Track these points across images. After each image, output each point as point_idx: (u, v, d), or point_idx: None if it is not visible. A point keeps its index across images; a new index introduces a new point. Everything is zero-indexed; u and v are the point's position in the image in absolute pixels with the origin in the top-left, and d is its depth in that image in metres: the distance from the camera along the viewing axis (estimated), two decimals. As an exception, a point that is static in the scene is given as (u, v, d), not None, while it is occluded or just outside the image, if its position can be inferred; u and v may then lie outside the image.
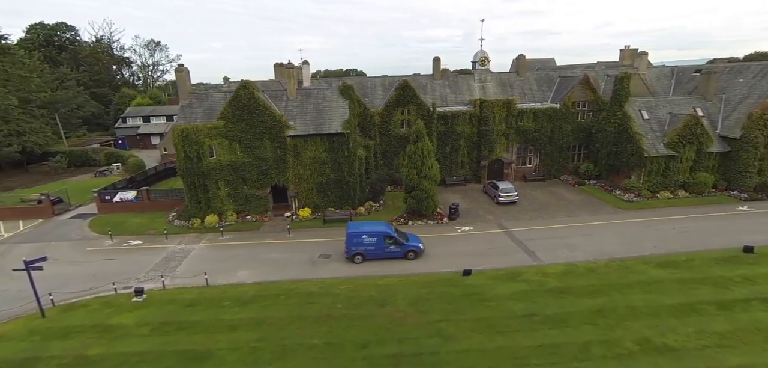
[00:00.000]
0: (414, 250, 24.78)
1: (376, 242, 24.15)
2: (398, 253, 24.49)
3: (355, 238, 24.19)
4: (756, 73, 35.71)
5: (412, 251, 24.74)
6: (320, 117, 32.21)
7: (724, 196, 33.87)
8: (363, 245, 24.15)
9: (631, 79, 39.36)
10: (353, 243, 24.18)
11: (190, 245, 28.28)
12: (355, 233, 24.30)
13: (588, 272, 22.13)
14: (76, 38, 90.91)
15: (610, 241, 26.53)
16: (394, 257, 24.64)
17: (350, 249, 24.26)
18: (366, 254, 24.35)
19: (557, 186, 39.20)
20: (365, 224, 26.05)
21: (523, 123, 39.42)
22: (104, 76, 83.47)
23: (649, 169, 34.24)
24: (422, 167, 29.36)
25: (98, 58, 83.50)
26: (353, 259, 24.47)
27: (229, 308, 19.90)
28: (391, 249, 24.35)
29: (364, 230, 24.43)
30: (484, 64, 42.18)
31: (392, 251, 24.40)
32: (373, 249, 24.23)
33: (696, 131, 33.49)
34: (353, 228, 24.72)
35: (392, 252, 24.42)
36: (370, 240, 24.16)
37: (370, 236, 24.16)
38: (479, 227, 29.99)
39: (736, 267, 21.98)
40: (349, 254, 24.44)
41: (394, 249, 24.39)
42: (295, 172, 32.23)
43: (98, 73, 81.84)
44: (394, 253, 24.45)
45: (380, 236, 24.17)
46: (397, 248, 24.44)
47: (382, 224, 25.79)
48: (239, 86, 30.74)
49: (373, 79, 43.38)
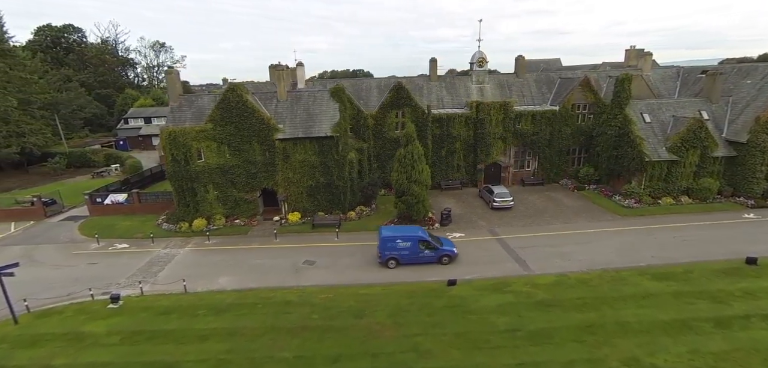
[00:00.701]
0: (448, 254, 24.06)
1: (410, 247, 23.45)
2: (432, 258, 23.80)
3: (389, 243, 23.53)
4: (765, 74, 34.21)
5: (447, 255, 24.03)
6: (310, 120, 31.62)
7: (729, 203, 32.47)
8: (397, 250, 23.48)
9: (634, 80, 38.14)
10: (387, 248, 23.56)
11: (176, 250, 27.89)
12: (389, 238, 23.67)
13: (579, 284, 21.14)
14: (83, 40, 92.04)
15: (607, 250, 25.47)
16: (429, 262, 23.90)
17: (384, 254, 23.65)
18: (400, 259, 23.64)
19: (556, 191, 38.08)
20: (398, 228, 25.44)
21: (520, 126, 38.37)
22: (108, 78, 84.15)
23: (650, 174, 32.99)
24: (412, 171, 28.58)
25: (103, 60, 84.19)
26: (387, 264, 23.75)
27: (203, 317, 19.37)
28: (426, 254, 23.68)
29: (398, 234, 23.84)
30: (482, 66, 41.19)
31: (427, 256, 23.71)
32: (407, 254, 23.55)
33: (700, 135, 32.15)
34: (387, 233, 24.08)
35: (427, 257, 23.74)
36: (404, 245, 23.44)
37: (405, 241, 23.46)
38: (471, 233, 29.10)
39: (738, 280, 20.80)
40: (382, 259, 23.73)
41: (428, 254, 23.70)
42: (285, 175, 31.68)
43: (102, 75, 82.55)
44: (428, 258, 23.77)
45: (415, 241, 23.46)
46: (431, 253, 23.73)
47: (416, 229, 25.04)
48: (227, 89, 30.33)
49: (369, 80, 42.73)
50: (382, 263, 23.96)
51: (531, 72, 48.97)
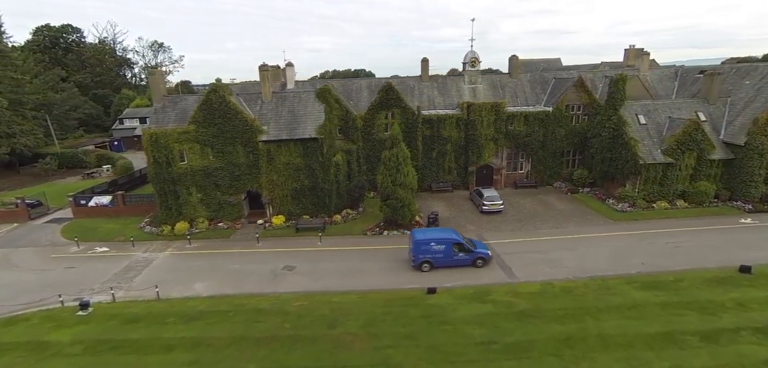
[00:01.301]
0: (483, 257, 23.57)
1: (444, 250, 22.96)
2: (467, 261, 23.34)
3: (423, 246, 22.94)
4: (764, 74, 33.17)
5: (481, 258, 23.54)
6: (295, 121, 31.01)
7: (726, 207, 31.47)
8: (431, 253, 22.97)
9: (630, 81, 37.24)
10: (421, 251, 22.97)
11: (155, 254, 27.38)
12: (423, 241, 23.13)
13: (563, 293, 20.35)
14: (81, 40, 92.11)
15: (596, 256, 24.64)
16: (463, 265, 23.38)
17: (418, 257, 23.03)
18: (434, 262, 23.14)
19: (549, 194, 37.21)
20: (432, 230, 24.81)
21: (513, 127, 37.52)
22: (106, 78, 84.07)
23: (644, 177, 32.06)
24: (397, 174, 27.88)
25: (100, 60, 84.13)
26: (421, 268, 23.21)
27: (172, 325, 18.80)
28: (460, 257, 23.23)
29: (432, 237, 23.16)
30: (474, 66, 40.38)
31: (461, 258, 23.27)
32: (441, 257, 23.05)
33: (696, 137, 31.17)
34: (420, 236, 23.54)
35: (461, 260, 23.28)
36: (438, 248, 22.93)
37: (439, 244, 22.92)
38: (458, 238, 28.31)
39: (729, 290, 19.93)
40: (416, 263, 23.17)
41: (463, 257, 23.26)
42: (269, 178, 31.09)
43: (99, 75, 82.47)
44: (462, 261, 23.32)
45: (449, 244, 22.98)
46: (466, 256, 23.29)
47: (450, 231, 24.54)
48: (209, 90, 29.81)
49: (359, 81, 42.08)
50: (416, 266, 23.31)
51: (532, 72, 48.21)
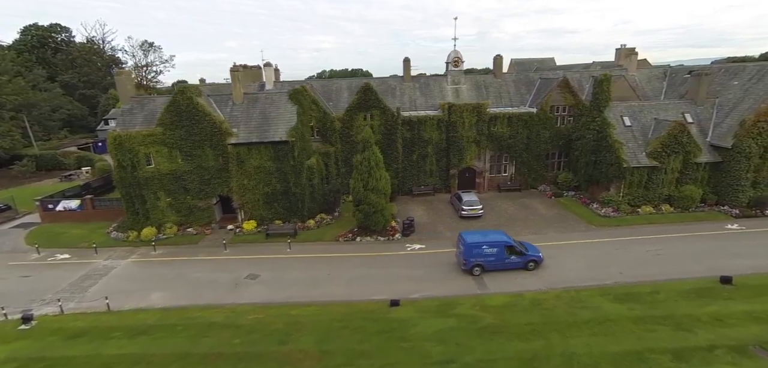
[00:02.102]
0: (535, 260, 22.96)
1: (496, 253, 22.40)
2: (519, 264, 22.79)
3: (475, 249, 22.28)
4: (752, 75, 32.08)
5: (533, 261, 22.93)
6: (266, 123, 29.97)
7: (713, 212, 30.40)
8: (483, 256, 22.39)
9: (616, 81, 36.21)
10: (473, 254, 22.33)
11: (117, 261, 26.37)
12: (475, 244, 22.33)
13: (532, 307, 19.29)
14: (71, 39, 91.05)
15: (573, 265, 23.58)
16: (515, 268, 22.84)
17: (469, 261, 22.40)
18: (486, 265, 22.54)
19: (533, 197, 36.13)
20: (482, 233, 23.95)
21: (496, 129, 36.42)
22: (94, 78, 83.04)
23: (629, 181, 31.00)
24: (369, 179, 26.86)
25: (88, 60, 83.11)
26: (472, 271, 22.58)
27: (116, 340, 17.78)
28: (512, 260, 22.66)
29: (484, 240, 22.52)
30: (457, 66, 39.31)
31: (513, 262, 22.70)
32: (493, 261, 22.48)
33: (682, 140, 30.09)
34: (471, 238, 22.76)
35: (513, 263, 22.73)
36: (490, 251, 22.34)
37: (491, 247, 22.31)
38: (432, 245, 27.31)
39: (707, 303, 18.87)
40: (467, 266, 22.52)
41: (515, 260, 22.69)
42: (239, 182, 30.06)
43: (87, 75, 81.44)
44: (514, 264, 22.77)
45: (501, 247, 22.40)
46: (518, 259, 22.71)
47: (500, 233, 23.96)
48: (176, 91, 28.81)
49: (339, 81, 41.03)
50: (467, 270, 22.63)
51: (526, 71, 47.16)
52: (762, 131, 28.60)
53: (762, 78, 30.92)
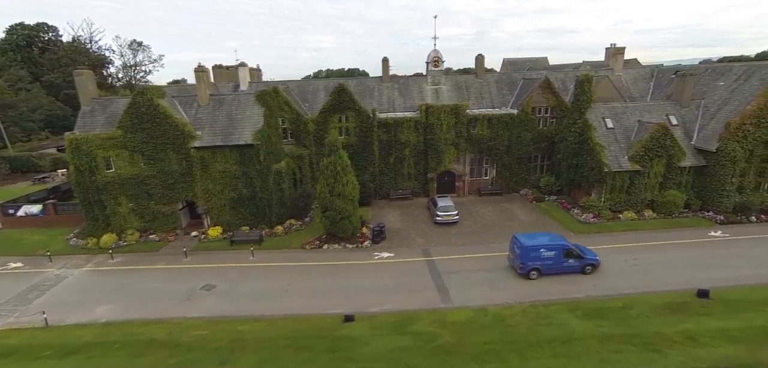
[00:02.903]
0: (592, 264, 22.20)
1: (554, 257, 21.71)
2: (576, 267, 22.05)
3: (533, 252, 21.55)
4: (739, 75, 30.89)
5: (590, 265, 22.16)
6: (231, 126, 28.79)
7: (697, 218, 29.23)
8: (541, 259, 21.67)
9: (600, 82, 35.05)
10: (530, 258, 21.60)
11: (71, 270, 25.20)
12: (533, 247, 21.58)
13: (495, 323, 18.12)
14: (58, 38, 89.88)
15: (545, 276, 22.36)
16: (572, 272, 22.06)
17: (526, 264, 21.66)
18: (543, 269, 21.79)
19: (513, 202, 34.95)
20: (539, 236, 23.17)
21: (475, 131, 35.25)
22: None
23: (610, 185, 29.82)
24: (335, 184, 25.68)
25: (73, 60, 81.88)
26: (529, 275, 21.81)
27: (45, 360, 16.61)
28: (570, 263, 21.93)
29: (542, 243, 21.80)
30: (437, 66, 38.11)
31: (571, 265, 21.96)
32: (550, 264, 21.81)
33: (665, 143, 28.90)
34: (528, 241, 21.92)
35: (571, 267, 21.99)
36: (548, 254, 21.66)
37: (549, 250, 21.64)
38: (402, 253, 26.14)
39: (681, 319, 17.69)
40: (524, 270, 21.78)
41: (572, 263, 21.96)
42: (204, 186, 28.88)
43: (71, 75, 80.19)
44: (572, 267, 22.02)
45: (559, 250, 21.71)
46: (575, 263, 21.96)
47: (556, 236, 23.33)
48: (136, 93, 27.65)
49: (316, 82, 39.87)
50: (523, 274, 21.86)
51: (518, 71, 45.95)
52: (747, 133, 27.42)
53: (748, 79, 29.74)
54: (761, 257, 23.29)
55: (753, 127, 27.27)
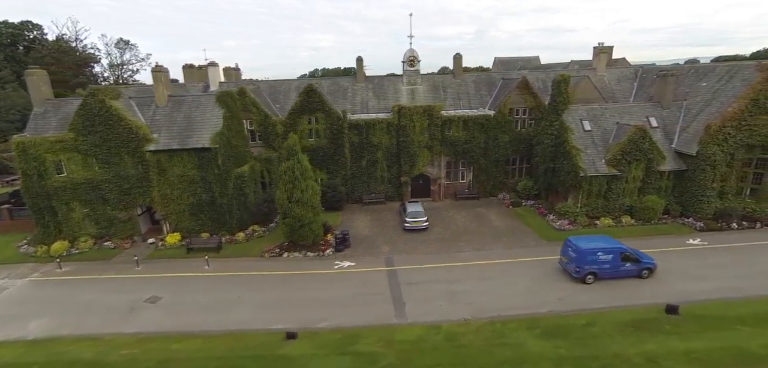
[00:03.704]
0: (649, 267, 21.39)
1: (611, 260, 20.96)
2: (634, 271, 21.27)
3: (590, 256, 20.75)
4: (721, 75, 29.63)
5: (647, 268, 21.35)
6: (190, 129, 27.55)
7: (676, 224, 27.99)
8: (598, 263, 20.90)
9: (580, 82, 33.81)
10: (587, 261, 20.80)
11: (14, 281, 23.94)
12: (590, 251, 20.78)
13: (445, 343, 16.87)
14: (43, 36, 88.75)
15: (510, 289, 21.13)
16: (629, 276, 21.24)
17: (582, 268, 20.85)
18: (599, 273, 21.00)
19: (490, 207, 33.71)
20: (595, 239, 22.32)
21: (450, 133, 33.99)
22: (62, 77, 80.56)
23: (587, 190, 28.57)
24: (293, 190, 24.44)
25: (57, 59, 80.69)
26: (585, 279, 20.98)
27: (-45, 385, 15.39)
28: (627, 267, 21.15)
29: (599, 246, 21.03)
30: (413, 66, 36.85)
31: (628, 269, 21.18)
32: (607, 268, 21.03)
33: (643, 146, 27.65)
34: (584, 244, 21.10)
35: (628, 271, 21.20)
36: (605, 258, 20.90)
37: (606, 254, 20.91)
38: (364, 262, 24.91)
39: (645, 339, 16.45)
40: (580, 274, 20.95)
41: (630, 268, 21.17)
42: (161, 191, 27.64)
43: (55, 74, 78.90)
44: (629, 272, 21.23)
45: (617, 254, 20.99)
46: (633, 267, 21.19)
47: (608, 239, 22.47)
48: (87, 94, 26.41)
49: (288, 82, 38.56)
50: (579, 278, 21.07)
51: (509, 70, 44.70)
52: (728, 136, 26.16)
53: (731, 79, 28.48)
54: (740, 267, 22.09)
55: (734, 130, 26.02)
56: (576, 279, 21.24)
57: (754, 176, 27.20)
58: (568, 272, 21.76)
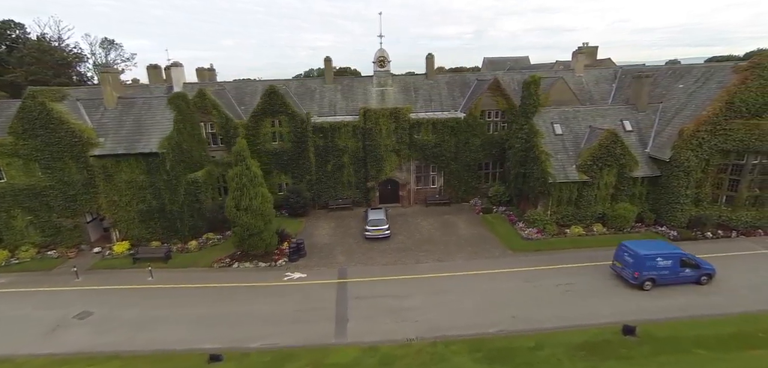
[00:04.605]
0: (708, 273, 20.68)
1: (671, 266, 20.23)
2: (693, 277, 20.59)
3: (649, 261, 19.93)
4: (698, 77, 28.31)
5: (706, 274, 20.65)
6: (138, 132, 26.24)
7: (650, 233, 26.69)
8: (657, 269, 20.15)
9: (555, 83, 32.50)
10: (646, 267, 19.97)
11: (-57, 294, 22.63)
12: (649, 256, 19.97)
13: (380, 366, 15.54)
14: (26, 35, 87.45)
15: (463, 305, 19.80)
16: (688, 282, 20.53)
17: (642, 274, 19.98)
18: (658, 279, 20.25)
19: (460, 213, 32.39)
20: (653, 243, 21.87)
21: (419, 136, 32.68)
22: (42, 77, 79.27)
23: (557, 197, 27.27)
24: (241, 197, 23.12)
25: (38, 59, 79.36)
26: (643, 286, 20.19)
27: None
28: (687, 273, 20.45)
29: (657, 251, 20.36)
30: (383, 66, 35.51)
31: (687, 275, 20.49)
32: (666, 274, 20.31)
33: (615, 151, 26.34)
34: (644, 250, 20.30)
35: (687, 277, 20.52)
36: (664, 264, 20.18)
37: (665, 259, 20.20)
38: (316, 273, 23.61)
39: (595, 364, 15.14)
40: (639, 280, 20.12)
41: (689, 273, 20.48)
42: (109, 198, 26.32)
43: (35, 74, 77.68)
44: (688, 277, 20.55)
45: (676, 259, 20.29)
46: (692, 273, 20.49)
47: (669, 245, 22.25)
48: (26, 96, 25.07)
49: (255, 83, 37.29)
50: (637, 284, 20.19)
51: (498, 70, 43.39)
52: (702, 141, 24.84)
53: (707, 81, 27.16)
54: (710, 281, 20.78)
55: (708, 134, 24.69)
56: (633, 286, 20.35)
57: (730, 182, 25.87)
58: (624, 278, 20.87)
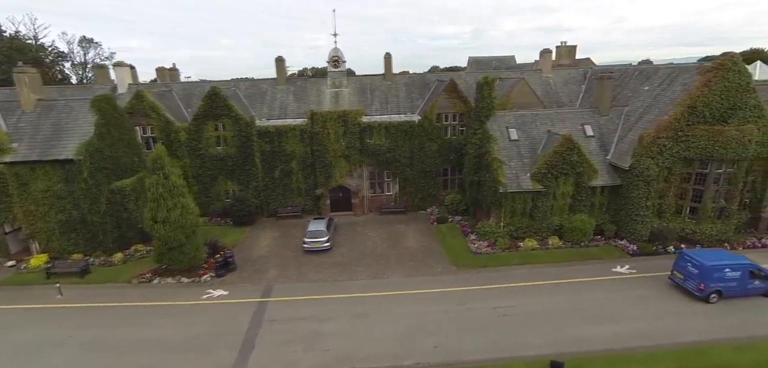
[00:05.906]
0: None
1: (739, 278, 18.99)
2: (762, 290, 19.37)
3: (716, 272, 18.68)
4: (663, 79, 26.33)
5: None
6: (56, 137, 24.41)
7: (608, 246, 24.77)
8: (724, 281, 18.87)
9: (516, 85, 30.57)
10: (713, 279, 18.71)
11: None
12: (716, 268, 18.69)
13: (263, 408, 13.65)
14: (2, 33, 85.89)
15: (383, 331, 17.87)
16: (757, 294, 19.33)
17: (708, 286, 18.71)
18: (725, 291, 18.93)
19: (413, 223, 30.48)
20: (718, 253, 20.32)
21: (372, 141, 30.78)
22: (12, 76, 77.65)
23: (510, 208, 25.33)
24: (158, 209, 21.25)
25: (8, 56, 77.72)
26: (708, 299, 18.81)
27: None
28: (756, 285, 19.23)
29: (725, 262, 19.02)
30: (337, 66, 33.62)
31: (756, 287, 19.27)
32: (734, 286, 19.05)
33: (571, 159, 24.38)
34: (710, 260, 18.96)
35: (756, 289, 19.30)
36: (732, 275, 18.92)
37: (734, 270, 18.92)
38: (239, 291, 21.75)
39: (508, 409, 13.19)
40: (705, 293, 18.74)
41: (758, 285, 19.25)
42: (25, 208, 24.50)
43: (6, 73, 76.07)
44: (757, 289, 19.33)
45: (745, 271, 19.03)
46: (761, 284, 19.26)
47: (734, 254, 20.87)
48: (-70, 96, 23.19)
49: (203, 85, 35.31)
50: (703, 297, 18.83)
51: (482, 71, 41.47)
52: (663, 148, 22.85)
53: (671, 84, 25.19)
54: (661, 302, 18.90)
55: (669, 140, 22.71)
56: (698, 299, 18.90)
57: (694, 193, 23.89)
58: (687, 290, 19.40)
